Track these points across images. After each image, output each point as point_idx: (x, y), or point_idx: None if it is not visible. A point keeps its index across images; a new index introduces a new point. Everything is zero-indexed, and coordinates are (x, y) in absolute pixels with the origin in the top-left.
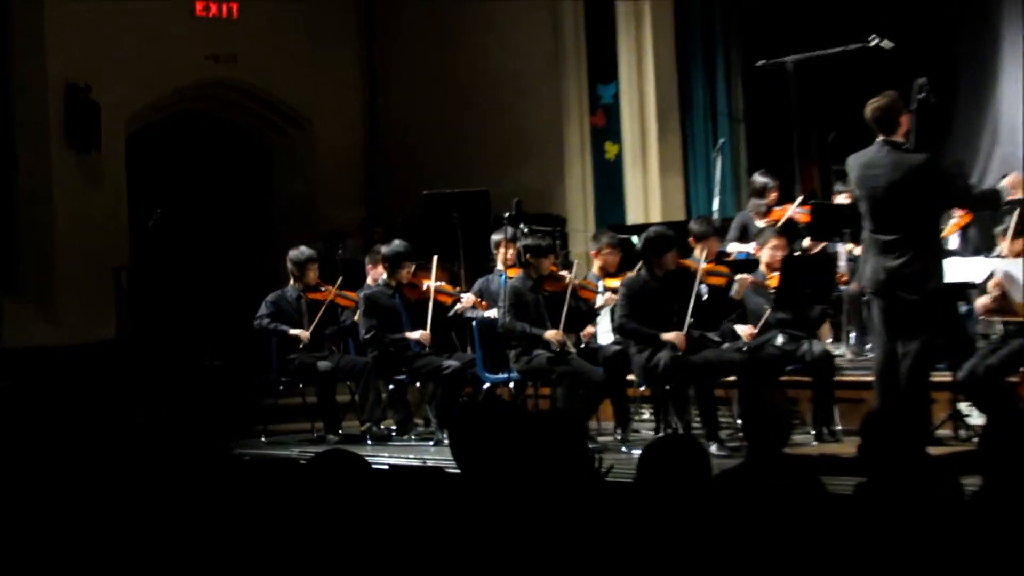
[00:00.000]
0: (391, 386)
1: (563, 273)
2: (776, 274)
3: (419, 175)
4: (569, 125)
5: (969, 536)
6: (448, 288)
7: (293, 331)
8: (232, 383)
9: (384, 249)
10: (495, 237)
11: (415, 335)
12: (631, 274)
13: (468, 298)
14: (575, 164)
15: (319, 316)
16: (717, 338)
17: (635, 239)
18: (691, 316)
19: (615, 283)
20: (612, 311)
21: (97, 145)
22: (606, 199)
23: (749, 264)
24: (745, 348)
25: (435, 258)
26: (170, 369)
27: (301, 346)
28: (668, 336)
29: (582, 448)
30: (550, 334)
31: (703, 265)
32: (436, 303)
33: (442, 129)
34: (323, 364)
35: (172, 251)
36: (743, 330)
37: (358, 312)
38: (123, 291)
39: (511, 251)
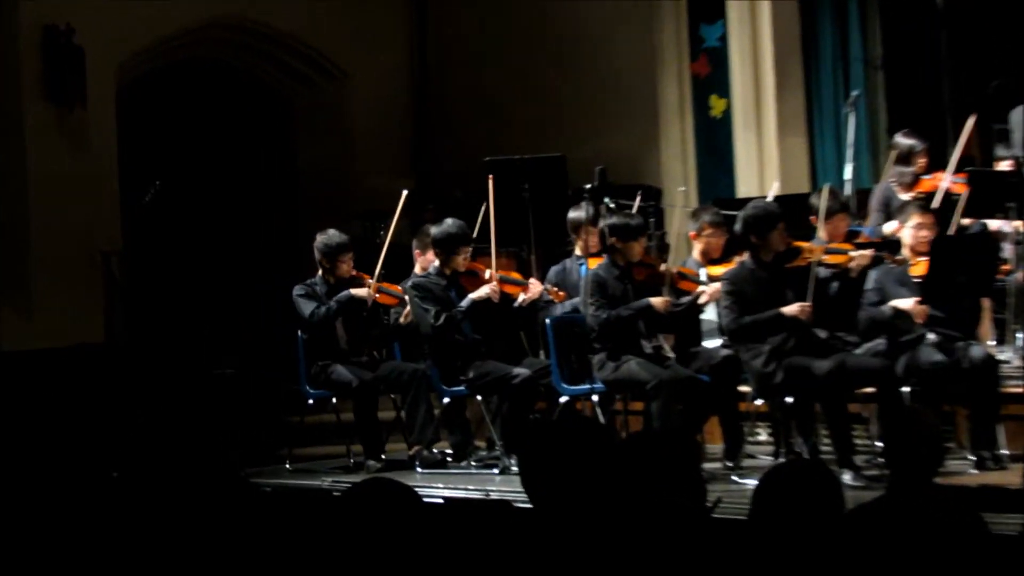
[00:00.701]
0: (446, 400)
1: (657, 260)
2: (923, 259)
3: (478, 139)
4: (665, 75)
5: None
6: (516, 277)
7: (357, 291)
8: (249, 396)
9: (435, 231)
10: (573, 215)
11: (484, 291)
12: (734, 264)
13: (536, 287)
14: (672, 123)
15: (377, 271)
16: (851, 338)
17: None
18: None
19: (720, 271)
20: (718, 306)
21: (81, 99)
22: (711, 166)
23: (889, 246)
24: (885, 349)
25: (494, 247)
26: (172, 380)
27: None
28: (789, 309)
29: (694, 479)
30: (657, 301)
31: (822, 246)
32: (501, 296)
33: (507, 82)
34: (362, 374)
35: (174, 232)
36: (907, 306)
37: (405, 309)
38: (114, 282)
39: (593, 233)
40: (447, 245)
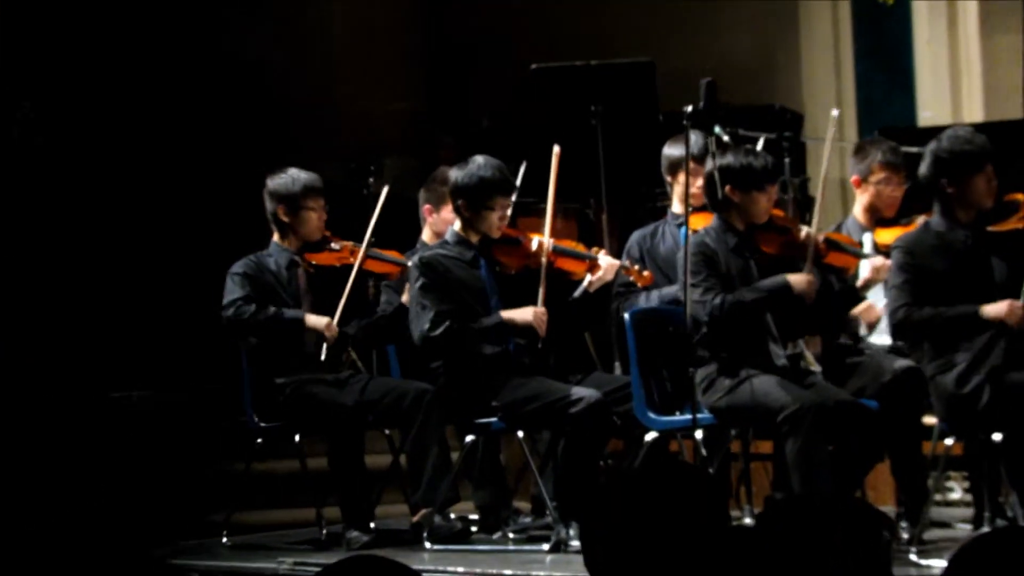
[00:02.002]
0: (468, 438)
1: (795, 222)
2: None
3: (516, 43)
4: None
5: None
6: (578, 248)
7: (311, 319)
8: (168, 432)
9: (457, 175)
10: (669, 152)
11: (527, 314)
12: (915, 225)
13: (608, 263)
14: (819, 15)
15: (342, 303)
16: None
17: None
18: None
19: (895, 236)
20: (887, 290)
21: None
22: (880, 79)
23: None
24: None
25: (552, 194)
26: (51, 406)
27: (319, 348)
28: (993, 310)
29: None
30: (797, 279)
31: None
32: (555, 276)
33: None
34: (341, 396)
35: (58, 184)
36: None
37: (406, 291)
38: None
39: (698, 178)
40: (476, 196)
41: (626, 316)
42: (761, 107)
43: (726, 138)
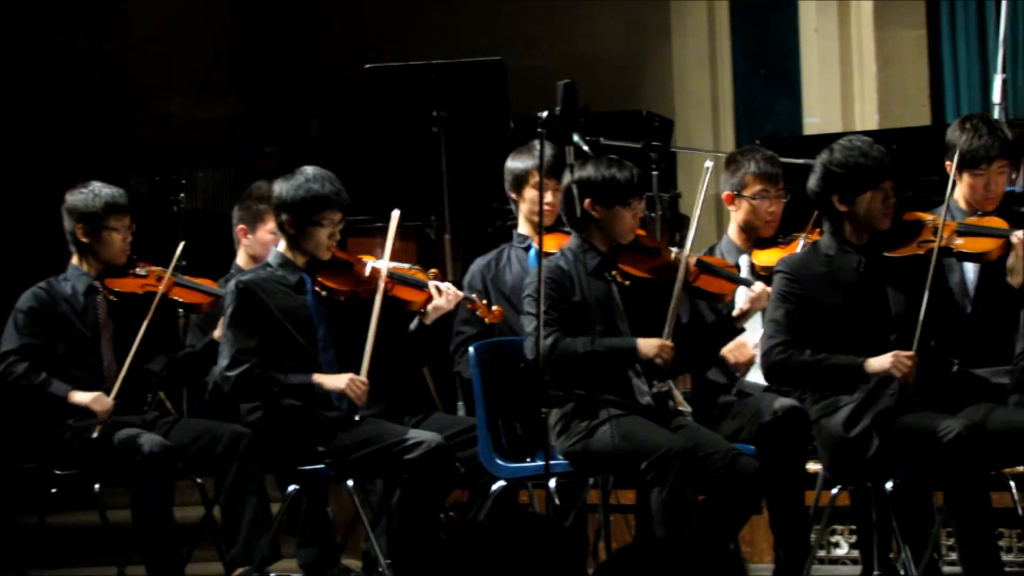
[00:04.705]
0: (291, 488)
1: (663, 243)
2: None
3: (354, 37)
4: None
5: None
6: (416, 274)
7: (77, 396)
8: None
9: (282, 188)
10: (513, 165)
11: (339, 382)
12: (797, 244)
13: (447, 293)
14: (693, 9)
15: (139, 338)
16: (1003, 379)
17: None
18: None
19: (776, 258)
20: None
21: None
22: (760, 82)
23: None
24: None
25: (396, 214)
26: None
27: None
28: (877, 363)
29: None
30: (648, 345)
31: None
32: (391, 304)
33: None
34: (145, 439)
35: None
36: None
37: (219, 326)
38: None
39: (553, 193)
40: (303, 211)
41: (470, 351)
42: (627, 113)
43: (585, 148)
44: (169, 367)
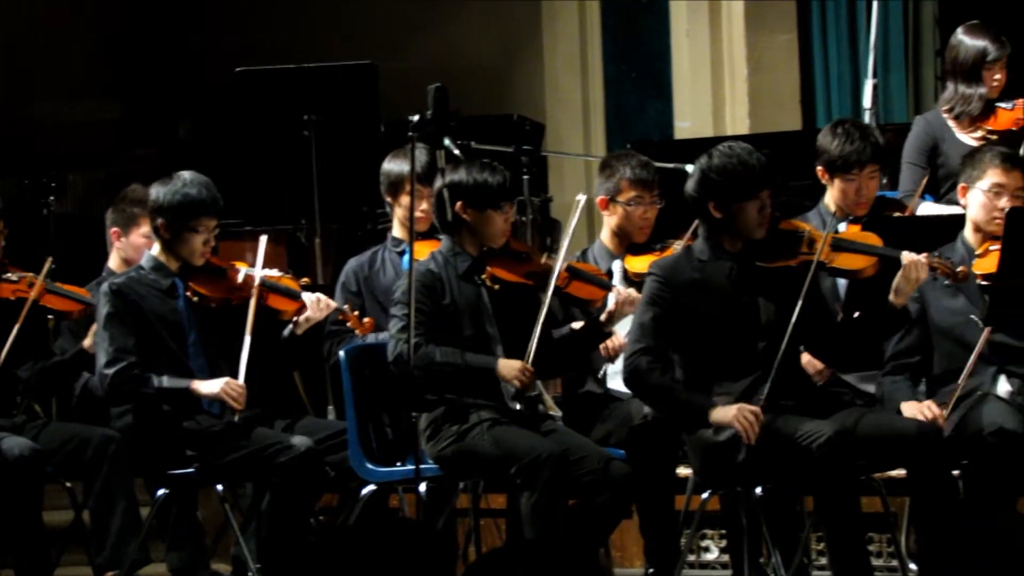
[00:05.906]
0: (160, 492)
1: (534, 248)
2: (996, 248)
3: (228, 39)
4: None
5: None
6: (287, 282)
7: None
8: None
9: (158, 191)
10: (389, 168)
11: (213, 387)
12: (672, 251)
13: (318, 303)
14: (564, 13)
15: (7, 344)
16: (870, 387)
17: (691, 170)
18: (794, 328)
19: (645, 264)
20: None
21: None
22: (632, 84)
23: (943, 228)
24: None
25: (264, 239)
26: None
27: None
28: (720, 415)
29: None
30: (508, 367)
31: (831, 232)
32: (263, 312)
33: None
34: (10, 443)
35: None
36: (912, 412)
37: (93, 329)
38: None
39: (427, 200)
40: (178, 216)
41: (340, 354)
42: (498, 117)
43: (457, 152)
44: (37, 375)
